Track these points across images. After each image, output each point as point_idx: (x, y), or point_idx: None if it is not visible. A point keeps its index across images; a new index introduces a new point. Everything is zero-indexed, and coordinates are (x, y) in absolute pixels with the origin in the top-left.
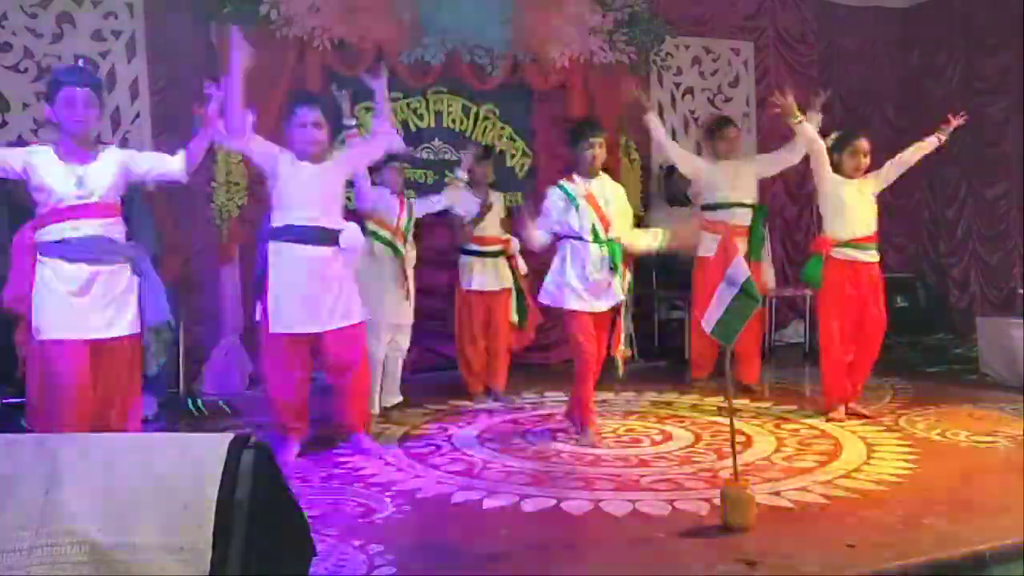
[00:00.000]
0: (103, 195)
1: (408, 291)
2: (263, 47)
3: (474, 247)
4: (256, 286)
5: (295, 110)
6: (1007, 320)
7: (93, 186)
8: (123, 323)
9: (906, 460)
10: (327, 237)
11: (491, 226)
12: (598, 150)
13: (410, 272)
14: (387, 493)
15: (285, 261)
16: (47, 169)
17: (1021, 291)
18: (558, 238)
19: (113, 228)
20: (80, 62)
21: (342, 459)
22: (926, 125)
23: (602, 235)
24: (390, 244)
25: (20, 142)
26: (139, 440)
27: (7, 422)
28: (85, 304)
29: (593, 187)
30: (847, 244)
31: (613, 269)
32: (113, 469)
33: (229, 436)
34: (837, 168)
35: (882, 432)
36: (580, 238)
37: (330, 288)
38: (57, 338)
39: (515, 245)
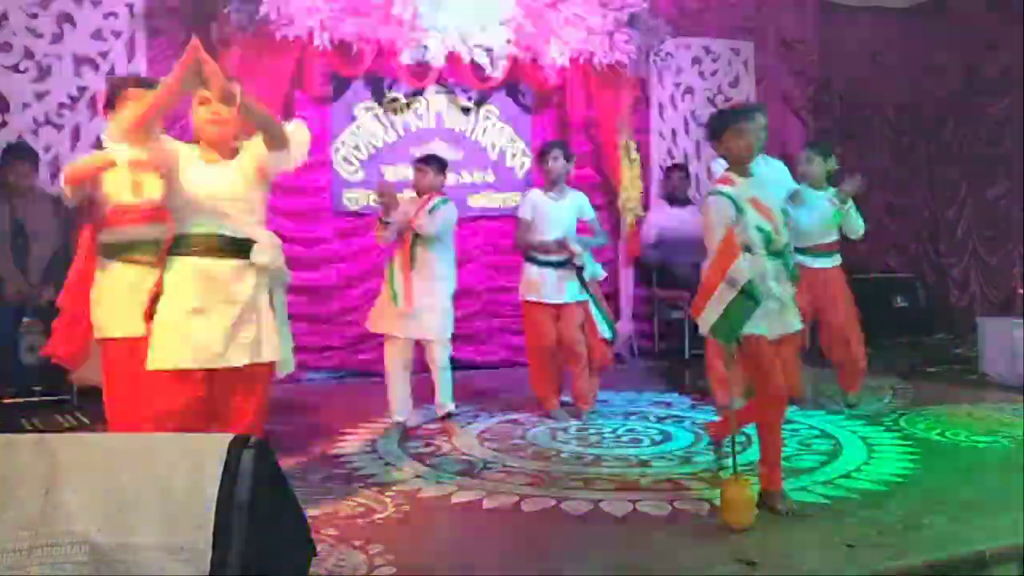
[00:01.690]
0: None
1: (430, 304)
2: (263, 47)
3: (538, 255)
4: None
5: None
6: (1007, 320)
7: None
8: None
9: (906, 460)
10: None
11: (556, 233)
12: (755, 137)
13: (422, 282)
14: (387, 493)
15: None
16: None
17: (1021, 291)
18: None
19: None
20: None
21: (342, 459)
22: (926, 125)
23: (776, 243)
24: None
25: (21, 142)
26: (139, 440)
27: (7, 422)
28: None
29: (754, 188)
30: (798, 250)
31: (793, 280)
32: (113, 469)
33: (229, 436)
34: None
35: (882, 432)
36: (750, 251)
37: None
38: None
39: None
